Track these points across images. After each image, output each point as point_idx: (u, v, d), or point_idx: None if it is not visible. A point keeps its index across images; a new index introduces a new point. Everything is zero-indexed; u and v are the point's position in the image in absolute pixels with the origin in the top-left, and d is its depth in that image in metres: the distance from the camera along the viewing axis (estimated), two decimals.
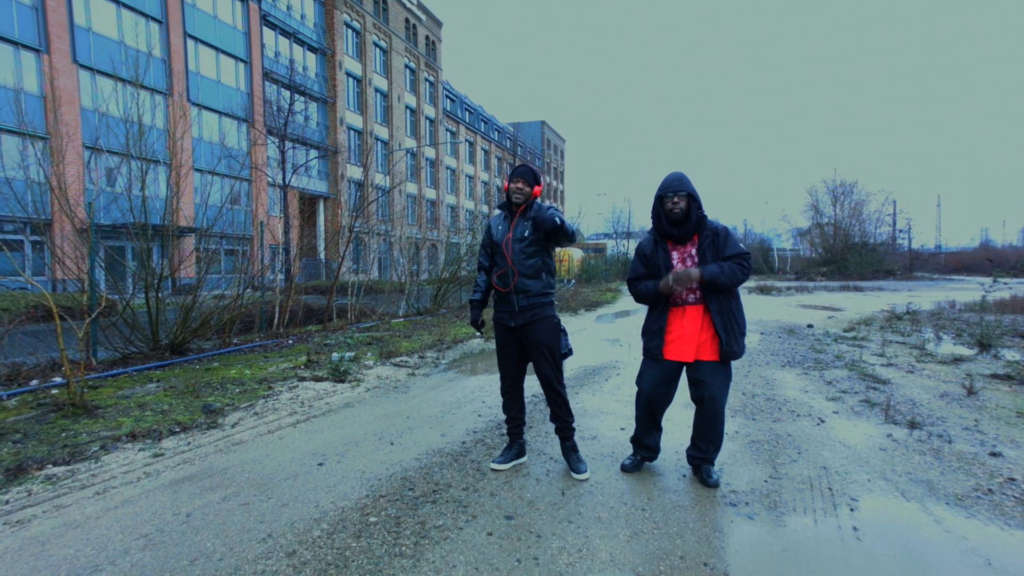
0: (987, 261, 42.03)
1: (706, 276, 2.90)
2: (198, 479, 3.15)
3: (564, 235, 3.08)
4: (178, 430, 4.01)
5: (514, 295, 3.16)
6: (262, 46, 25.59)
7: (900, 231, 46.64)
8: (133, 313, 6.58)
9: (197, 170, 15.55)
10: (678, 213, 3.01)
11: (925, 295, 18.78)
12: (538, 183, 3.19)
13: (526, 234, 3.15)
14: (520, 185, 3.16)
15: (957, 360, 6.58)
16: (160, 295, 6.71)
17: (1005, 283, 10.34)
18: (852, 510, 2.75)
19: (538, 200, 3.28)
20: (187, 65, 21.71)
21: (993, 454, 3.49)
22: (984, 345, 7.14)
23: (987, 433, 3.92)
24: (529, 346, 3.20)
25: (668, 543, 2.44)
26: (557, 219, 3.04)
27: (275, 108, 22.93)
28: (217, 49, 23.36)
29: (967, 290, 20.48)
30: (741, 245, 3.01)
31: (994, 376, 5.67)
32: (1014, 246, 56.20)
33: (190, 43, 22.02)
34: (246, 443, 3.80)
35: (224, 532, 2.51)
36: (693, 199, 3.01)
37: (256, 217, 9.99)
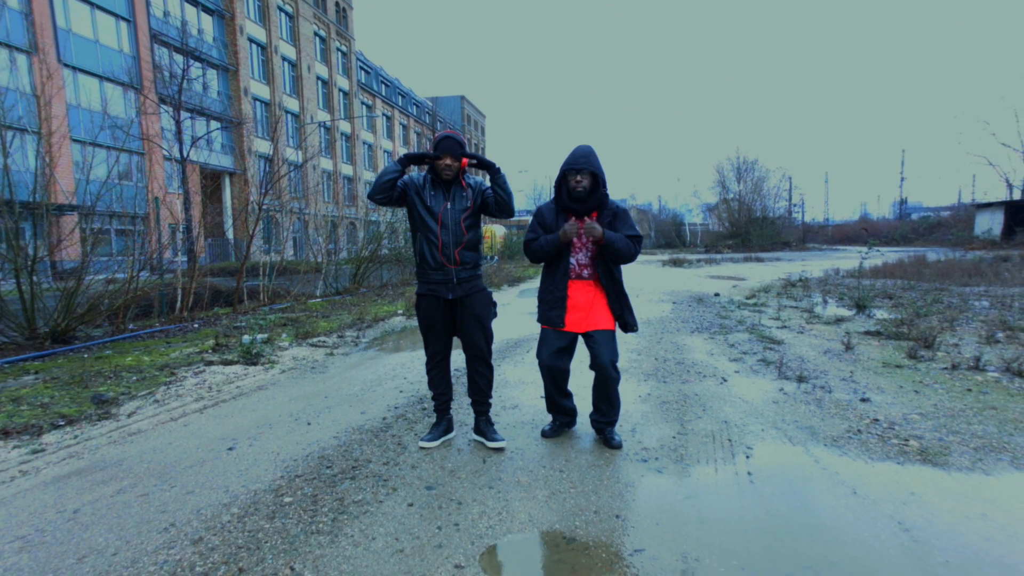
0: (863, 231, 46.85)
1: (606, 237, 3.01)
2: (87, 473, 2.89)
3: (507, 206, 3.09)
4: (62, 423, 3.65)
5: (454, 267, 3.10)
6: (147, 4, 23.05)
7: (795, 205, 50.69)
8: (1, 299, 5.85)
9: (75, 140, 13.84)
10: (581, 191, 3.07)
11: (815, 264, 20.62)
12: (465, 156, 3.10)
13: (467, 204, 3.10)
14: (448, 162, 3.04)
15: (839, 320, 7.33)
16: (36, 279, 6.00)
17: (878, 251, 11.76)
18: (748, 457, 3.02)
19: (468, 173, 3.20)
20: (55, 20, 19.12)
21: (863, 400, 3.95)
22: (860, 306, 8.00)
23: (859, 382, 4.42)
24: (465, 319, 3.18)
25: (584, 500, 2.56)
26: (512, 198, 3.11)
27: (167, 74, 20.82)
28: (92, 4, 20.75)
29: (849, 259, 22.72)
30: (636, 227, 3.16)
31: (867, 333, 6.38)
32: (886, 219, 63.01)
33: None
34: (145, 432, 3.52)
35: (119, 526, 2.33)
36: (597, 178, 3.06)
37: (151, 193, 9.08)
